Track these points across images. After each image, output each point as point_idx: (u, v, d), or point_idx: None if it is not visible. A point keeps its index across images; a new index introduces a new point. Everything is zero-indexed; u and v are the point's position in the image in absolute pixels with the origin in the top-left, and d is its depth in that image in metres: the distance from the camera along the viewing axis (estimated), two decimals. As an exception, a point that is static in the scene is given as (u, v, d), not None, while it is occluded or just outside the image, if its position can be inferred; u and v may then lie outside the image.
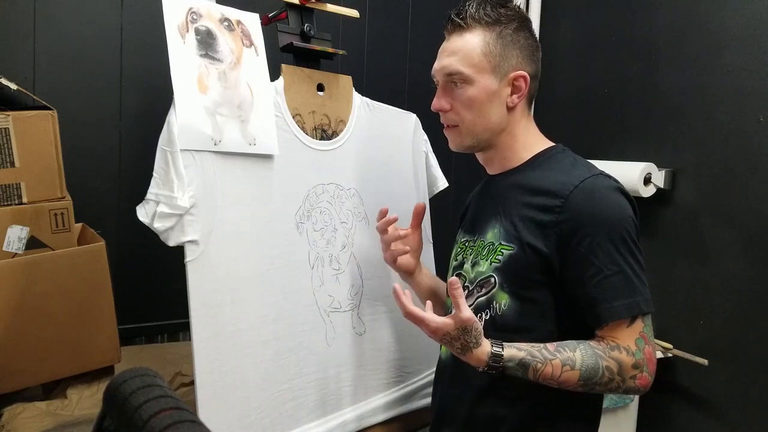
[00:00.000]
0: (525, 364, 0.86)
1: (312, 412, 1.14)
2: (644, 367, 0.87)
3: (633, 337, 0.87)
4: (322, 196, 1.21)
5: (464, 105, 0.98)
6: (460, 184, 2.15)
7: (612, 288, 0.86)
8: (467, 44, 0.96)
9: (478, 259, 0.99)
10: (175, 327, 1.72)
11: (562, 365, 0.85)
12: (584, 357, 0.86)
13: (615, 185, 0.92)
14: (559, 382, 0.86)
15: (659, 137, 1.90)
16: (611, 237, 0.87)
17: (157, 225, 0.94)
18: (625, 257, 0.87)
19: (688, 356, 1.74)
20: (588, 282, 0.87)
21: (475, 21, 0.96)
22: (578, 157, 0.99)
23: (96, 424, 0.66)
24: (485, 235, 1.00)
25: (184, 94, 0.98)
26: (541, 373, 0.86)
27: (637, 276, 0.88)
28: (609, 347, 0.86)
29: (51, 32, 1.52)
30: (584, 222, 0.87)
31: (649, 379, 0.88)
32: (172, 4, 1.00)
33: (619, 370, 0.86)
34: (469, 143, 1.01)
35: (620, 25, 2.03)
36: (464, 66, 0.96)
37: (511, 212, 0.96)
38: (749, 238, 1.65)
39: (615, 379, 0.86)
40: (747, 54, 1.65)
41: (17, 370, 1.16)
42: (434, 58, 1.03)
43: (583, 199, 0.88)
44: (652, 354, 0.88)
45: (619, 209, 0.89)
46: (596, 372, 0.85)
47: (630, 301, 0.86)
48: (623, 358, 0.86)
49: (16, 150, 1.15)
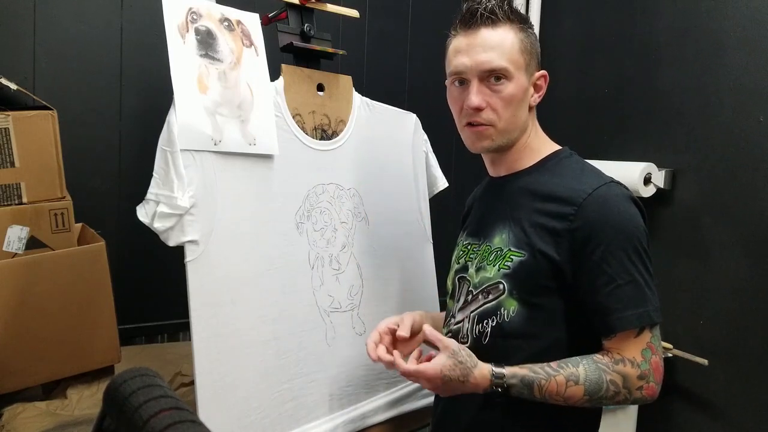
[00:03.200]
0: (529, 381, 0.86)
1: (312, 412, 1.14)
2: (650, 377, 0.87)
3: (640, 348, 0.87)
4: (322, 196, 1.21)
5: (504, 102, 0.93)
6: (460, 184, 2.15)
7: (624, 297, 0.86)
8: (505, 39, 0.93)
9: (483, 264, 0.98)
10: (175, 327, 1.72)
11: (566, 381, 0.85)
12: (587, 372, 0.86)
13: (627, 194, 0.91)
14: (566, 398, 0.86)
15: (659, 137, 1.90)
16: (624, 246, 0.87)
17: (157, 225, 0.94)
18: (637, 267, 0.87)
19: (688, 356, 1.74)
20: (600, 290, 0.87)
21: (505, 17, 0.93)
22: (586, 162, 0.98)
23: (96, 424, 0.66)
24: (492, 240, 0.98)
25: (184, 94, 0.98)
26: (546, 390, 0.85)
27: (648, 286, 0.88)
28: (613, 361, 0.86)
29: (51, 32, 1.52)
30: (598, 230, 0.87)
31: (656, 389, 0.88)
32: (172, 4, 1.00)
33: (624, 383, 0.86)
34: (499, 143, 0.97)
35: (620, 25, 2.03)
36: (506, 61, 0.92)
37: (521, 218, 0.94)
38: (749, 238, 1.65)
39: (621, 392, 0.86)
40: (747, 54, 1.65)
41: (17, 370, 1.16)
42: (434, 58, 1.02)
43: (597, 208, 0.88)
44: (659, 364, 0.88)
45: (632, 219, 0.89)
46: (600, 386, 0.85)
47: (641, 311, 0.86)
48: (628, 371, 0.86)
49: (16, 150, 1.15)
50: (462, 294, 1.01)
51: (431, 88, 2.15)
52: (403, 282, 1.34)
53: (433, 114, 1.48)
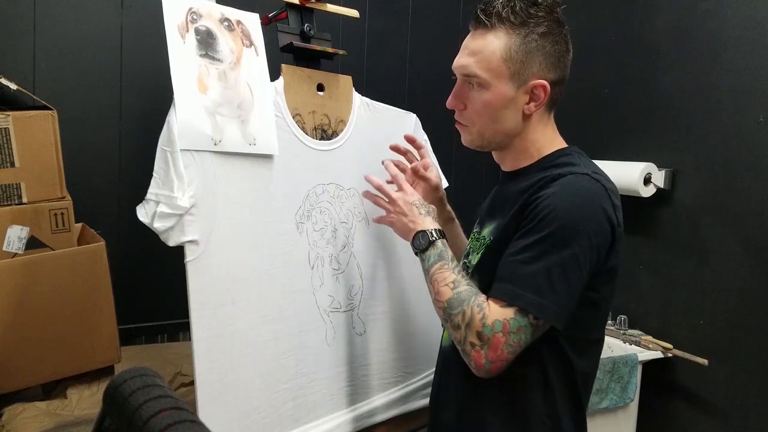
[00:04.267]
0: (442, 257, 0.94)
1: (312, 412, 1.14)
2: (486, 346, 0.83)
3: (497, 316, 0.84)
4: (322, 196, 1.21)
5: (477, 109, 0.95)
6: (460, 184, 2.15)
7: (513, 272, 0.85)
8: (488, 46, 0.91)
9: (475, 253, 1.01)
10: (175, 327, 1.72)
11: (451, 281, 0.90)
12: (463, 291, 0.88)
13: (596, 189, 0.88)
14: (437, 291, 0.91)
15: (659, 137, 1.90)
16: (552, 232, 0.83)
17: (157, 225, 0.94)
18: (552, 257, 0.83)
19: (688, 356, 1.74)
20: (504, 257, 0.88)
21: (501, 20, 0.90)
22: (583, 157, 0.97)
23: (96, 424, 0.66)
24: (484, 230, 1.01)
25: (184, 94, 0.98)
26: (439, 272, 0.92)
27: (551, 279, 0.83)
28: (479, 303, 0.86)
29: (51, 32, 1.52)
30: (539, 208, 0.85)
31: (483, 363, 0.84)
32: (172, 4, 1.00)
33: (468, 324, 0.85)
34: (479, 144, 1.00)
35: (620, 25, 2.03)
36: (481, 70, 0.92)
37: (505, 208, 0.96)
38: (749, 238, 1.65)
39: (461, 329, 0.86)
40: (747, 54, 1.65)
41: (17, 370, 1.16)
42: (434, 58, 1.03)
43: (552, 190, 0.86)
44: (500, 345, 0.83)
45: (580, 210, 0.85)
46: (457, 307, 0.87)
47: (518, 292, 0.83)
48: (476, 319, 0.84)
49: (16, 150, 1.16)
50: None
51: (431, 88, 2.15)
52: (403, 282, 1.34)
53: (433, 114, 1.48)
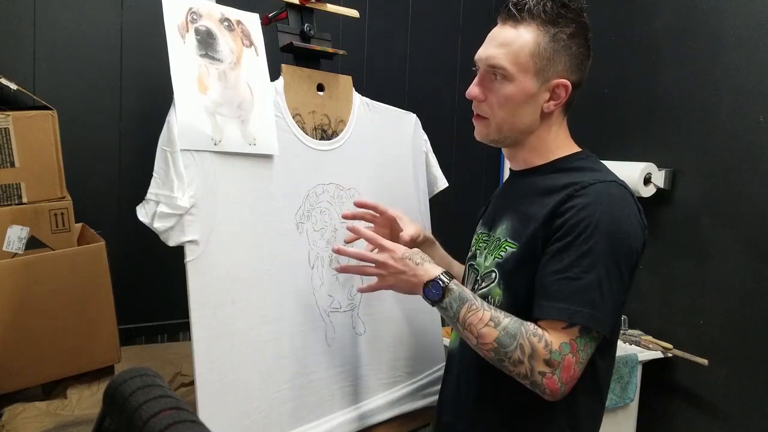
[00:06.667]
0: (465, 298, 0.88)
1: (312, 412, 1.14)
2: (557, 370, 0.83)
3: (561, 339, 0.83)
4: (322, 196, 1.21)
5: (499, 101, 0.94)
6: (460, 184, 2.15)
7: (566, 290, 0.84)
8: (518, 40, 0.91)
9: (486, 254, 1.00)
10: (175, 327, 1.72)
11: (489, 319, 0.86)
12: (509, 325, 0.85)
13: (626, 198, 0.89)
14: (478, 334, 0.86)
15: (659, 137, 1.90)
16: (596, 243, 0.83)
17: (157, 225, 0.94)
18: (600, 269, 0.83)
19: (688, 356, 1.74)
20: (549, 275, 0.86)
21: (532, 16, 0.91)
22: (599, 162, 0.98)
23: (96, 424, 0.66)
24: (496, 231, 1.00)
25: (184, 94, 0.98)
26: (471, 316, 0.87)
27: (603, 292, 0.83)
28: (534, 332, 0.84)
29: (51, 32, 1.52)
30: (578, 220, 0.85)
31: (558, 387, 0.83)
32: (172, 4, 1.00)
33: (531, 356, 0.83)
34: (494, 137, 0.99)
35: (620, 24, 2.03)
36: (509, 62, 0.91)
37: (520, 210, 0.95)
38: (749, 238, 1.65)
39: (524, 363, 0.83)
40: (747, 54, 1.65)
41: (17, 370, 1.16)
42: (434, 58, 1.02)
43: (585, 200, 0.86)
44: (572, 365, 0.83)
45: (617, 221, 0.86)
46: (510, 343, 0.84)
47: (576, 309, 0.83)
48: (539, 349, 0.83)
49: (16, 150, 1.15)
50: (470, 282, 1.05)
51: (431, 88, 2.16)
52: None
53: (433, 114, 1.49)
